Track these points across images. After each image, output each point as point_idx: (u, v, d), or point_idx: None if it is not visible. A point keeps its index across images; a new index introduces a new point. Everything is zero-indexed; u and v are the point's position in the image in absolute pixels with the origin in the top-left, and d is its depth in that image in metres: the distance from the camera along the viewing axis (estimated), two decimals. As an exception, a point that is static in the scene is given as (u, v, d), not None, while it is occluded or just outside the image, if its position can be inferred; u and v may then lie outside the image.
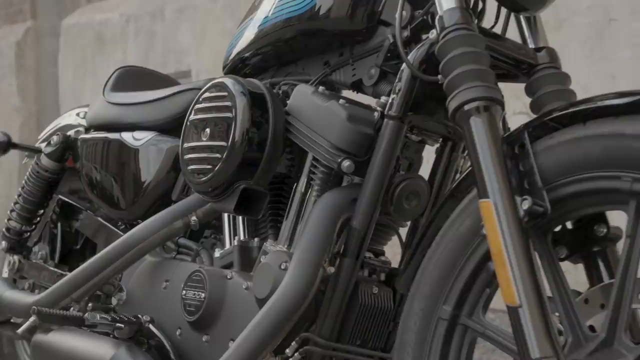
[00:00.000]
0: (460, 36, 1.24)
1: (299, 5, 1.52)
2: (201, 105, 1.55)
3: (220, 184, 1.49)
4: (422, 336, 1.26)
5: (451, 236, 1.26)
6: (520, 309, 1.07)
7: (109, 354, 1.53)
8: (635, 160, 1.06)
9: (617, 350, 1.06)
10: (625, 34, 3.03)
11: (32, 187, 2.05)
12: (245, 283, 1.47)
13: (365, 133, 1.39)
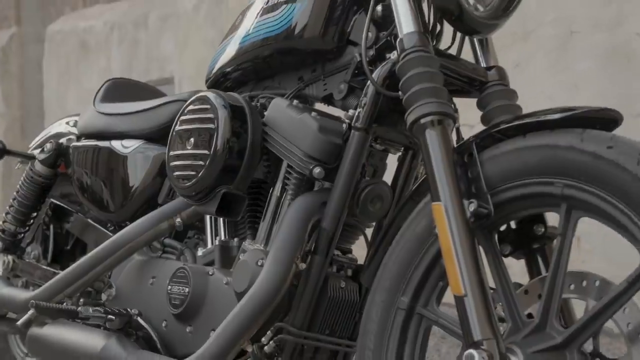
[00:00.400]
0: (418, 57, 1.40)
1: (276, 26, 1.67)
2: (186, 116, 1.70)
3: (203, 188, 1.63)
4: (383, 325, 1.42)
5: (409, 235, 1.41)
6: (466, 297, 1.23)
7: (101, 344, 1.67)
8: (566, 169, 1.22)
9: (548, 334, 1.22)
10: (587, 46, 3.19)
11: (26, 191, 2.19)
12: (226, 279, 1.61)
13: (334, 143, 1.54)
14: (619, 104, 3.00)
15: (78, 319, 1.71)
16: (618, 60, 3.08)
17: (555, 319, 1.22)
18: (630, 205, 1.15)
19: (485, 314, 1.22)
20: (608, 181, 1.17)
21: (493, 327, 1.21)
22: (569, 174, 1.22)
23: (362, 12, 1.61)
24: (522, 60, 3.34)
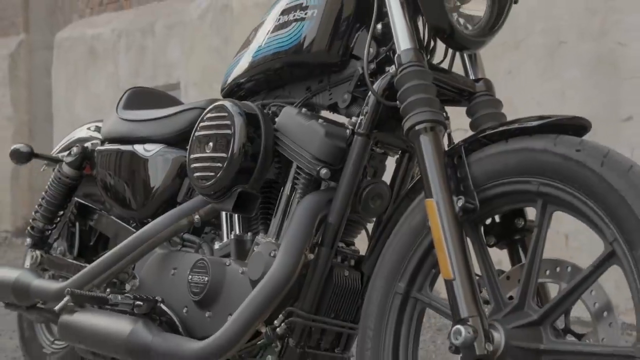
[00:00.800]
0: (414, 71, 1.59)
1: (287, 42, 1.85)
2: (205, 123, 1.89)
3: (221, 188, 1.82)
4: (382, 308, 1.60)
5: (405, 229, 1.60)
6: (454, 281, 1.41)
7: (129, 328, 1.85)
8: (541, 169, 1.41)
9: (526, 312, 1.40)
10: (574, 55, 3.38)
11: (54, 192, 2.37)
12: (241, 268, 1.80)
13: (339, 146, 1.72)
14: (604, 109, 3.21)
15: (108, 305, 1.89)
16: (603, 68, 3.27)
17: (532, 300, 1.41)
18: (595, 200, 1.33)
19: (471, 295, 1.40)
20: (577, 180, 1.36)
21: (478, 306, 1.40)
22: (544, 173, 1.41)
23: (363, 30, 1.80)
24: (513, 68, 3.53)
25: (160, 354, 1.79)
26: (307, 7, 1.82)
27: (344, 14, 1.80)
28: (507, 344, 1.38)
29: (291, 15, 1.86)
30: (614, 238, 1.31)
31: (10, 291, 2.26)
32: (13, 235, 6.98)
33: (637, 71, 3.17)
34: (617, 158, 1.35)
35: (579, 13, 3.35)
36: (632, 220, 1.28)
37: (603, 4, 3.27)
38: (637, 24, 3.17)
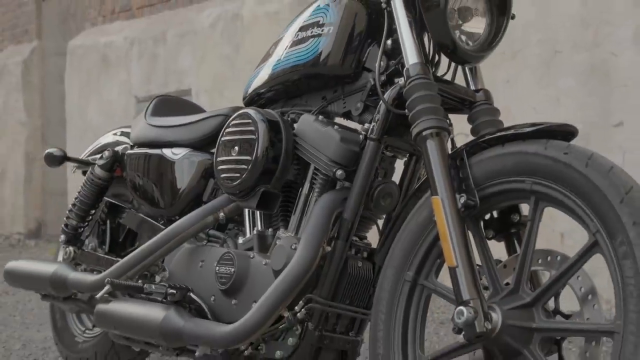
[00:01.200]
0: (420, 83, 1.78)
1: (304, 56, 2.05)
2: (230, 129, 2.08)
3: (246, 187, 2.01)
4: (393, 294, 1.79)
5: (413, 223, 1.79)
6: (457, 268, 1.60)
7: (162, 315, 2.03)
8: (533, 170, 1.60)
9: (520, 296, 1.59)
10: (568, 64, 3.55)
11: (87, 192, 2.56)
12: (265, 260, 1.99)
13: (353, 150, 1.91)
14: (597, 115, 3.40)
15: (143, 294, 2.08)
16: (596, 77, 3.45)
17: (525, 285, 1.60)
18: (580, 197, 1.52)
19: (472, 281, 1.59)
20: (565, 179, 1.55)
21: (478, 290, 1.59)
22: (536, 174, 1.60)
23: (374, 45, 1.99)
24: (511, 77, 3.71)
25: (192, 337, 1.98)
26: (324, 25, 2.02)
27: (357, 31, 1.99)
28: (503, 323, 1.57)
29: (309, 31, 2.05)
30: (596, 230, 1.50)
31: (48, 283, 2.44)
32: (26, 237, 7.18)
33: (628, 80, 3.34)
34: (599, 160, 1.54)
35: (573, 25, 3.52)
36: (611, 214, 1.47)
37: (596, 17, 3.44)
38: (627, 36, 3.34)
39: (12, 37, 7.64)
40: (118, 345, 2.51)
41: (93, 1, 6.60)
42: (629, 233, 1.44)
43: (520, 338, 1.57)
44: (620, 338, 1.42)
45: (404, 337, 1.77)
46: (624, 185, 1.48)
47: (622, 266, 1.44)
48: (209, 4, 5.49)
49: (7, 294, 4.33)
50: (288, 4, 4.78)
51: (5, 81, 7.50)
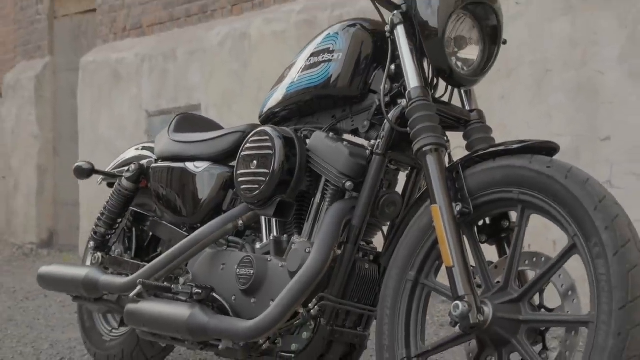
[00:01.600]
0: (421, 105, 2.00)
1: (316, 79, 2.27)
2: (249, 145, 2.31)
3: (264, 197, 2.24)
4: (397, 292, 2.01)
5: (415, 229, 2.01)
6: (454, 268, 1.82)
7: (188, 313, 2.25)
8: (520, 182, 1.82)
9: (509, 292, 1.81)
10: (558, 82, 3.75)
11: (115, 202, 2.78)
12: (281, 263, 2.21)
13: (360, 164, 2.14)
14: (586, 130, 3.62)
15: (170, 293, 2.31)
16: (584, 94, 3.65)
17: (514, 283, 1.82)
18: (560, 205, 1.74)
19: (467, 279, 1.81)
20: (547, 190, 1.77)
21: (472, 287, 1.81)
22: (522, 185, 1.82)
23: (379, 69, 2.21)
24: (506, 94, 3.92)
25: (216, 332, 2.20)
26: (334, 51, 2.24)
27: (363, 57, 2.22)
28: (494, 316, 1.79)
29: (320, 57, 2.28)
30: (574, 233, 1.72)
31: (81, 286, 2.66)
32: (39, 247, 7.39)
33: (614, 97, 3.54)
34: (577, 173, 1.76)
35: (562, 46, 3.73)
36: (587, 219, 1.69)
37: (584, 38, 3.65)
38: (613, 56, 3.55)
39: (25, 53, 7.86)
40: (143, 342, 2.74)
41: (104, 19, 6.81)
42: (602, 236, 1.66)
43: (508, 329, 1.79)
44: (594, 327, 1.64)
45: (406, 330, 1.99)
46: (597, 195, 1.70)
47: (596, 265, 1.66)
48: (218, 22, 5.70)
49: (28, 299, 4.55)
50: (294, 23, 5.00)
51: (19, 96, 7.71)
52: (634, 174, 3.47)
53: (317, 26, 4.82)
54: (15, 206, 7.73)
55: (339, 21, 2.37)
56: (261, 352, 2.23)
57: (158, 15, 6.30)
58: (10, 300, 4.54)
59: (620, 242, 1.64)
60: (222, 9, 5.76)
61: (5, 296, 4.68)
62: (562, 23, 3.72)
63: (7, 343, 3.37)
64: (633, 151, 3.49)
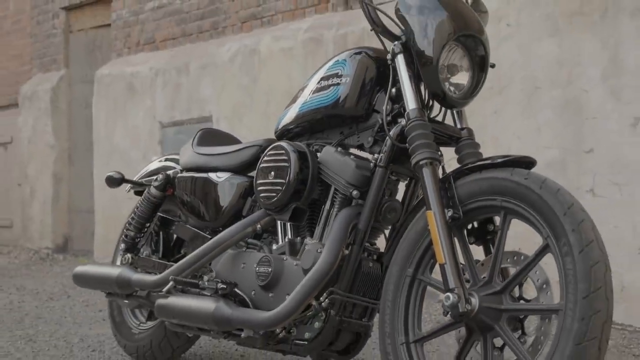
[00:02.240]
0: (418, 124, 2.31)
1: (326, 100, 2.58)
2: (267, 158, 2.62)
3: (281, 204, 2.54)
4: (397, 287, 2.32)
5: (413, 232, 2.32)
6: (446, 264, 2.13)
7: (213, 306, 2.55)
8: (502, 191, 2.12)
9: (493, 285, 2.12)
10: (546, 99, 4.05)
11: (144, 208, 3.09)
12: (295, 262, 2.51)
13: (365, 175, 2.44)
14: (571, 143, 3.94)
15: (198, 288, 2.62)
16: (570, 110, 3.95)
17: (497, 278, 2.13)
18: (536, 211, 2.05)
19: (457, 274, 2.12)
20: (525, 198, 2.08)
21: (461, 281, 2.11)
22: (504, 194, 2.12)
23: (382, 92, 2.52)
24: (498, 109, 4.22)
25: (239, 322, 2.50)
26: (342, 76, 2.55)
27: (368, 81, 2.52)
28: (480, 305, 2.10)
29: (329, 81, 2.59)
30: (547, 235, 2.03)
31: (115, 283, 2.97)
32: (54, 252, 7.70)
33: (597, 112, 3.84)
34: (550, 184, 2.07)
35: (550, 65, 4.03)
36: (558, 223, 2.00)
37: (569, 59, 3.95)
38: (596, 75, 3.84)
39: (41, 66, 8.17)
40: (170, 334, 3.04)
41: (119, 34, 7.13)
42: (569, 237, 1.97)
43: (492, 317, 2.09)
44: (563, 314, 1.95)
45: (405, 319, 2.30)
46: (567, 203, 2.01)
47: (564, 262, 1.97)
48: (228, 39, 6.01)
49: (52, 300, 4.86)
50: (301, 41, 5.31)
51: (35, 107, 8.03)
52: (615, 184, 3.77)
53: (323, 44, 5.14)
54: (32, 213, 8.03)
55: (346, 49, 2.68)
56: (277, 341, 2.53)
57: (171, 31, 6.61)
58: (36, 300, 4.85)
59: (585, 242, 1.95)
60: (232, 25, 6.08)
61: (30, 297, 4.99)
62: (549, 44, 4.02)
63: (40, 337, 3.67)
64: (614, 163, 3.78)
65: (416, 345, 2.28)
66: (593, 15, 3.87)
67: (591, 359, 1.89)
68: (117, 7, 7.14)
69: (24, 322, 4.09)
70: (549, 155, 3.98)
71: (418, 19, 2.37)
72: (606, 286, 1.93)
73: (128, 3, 7.04)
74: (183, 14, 6.51)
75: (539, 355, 2.04)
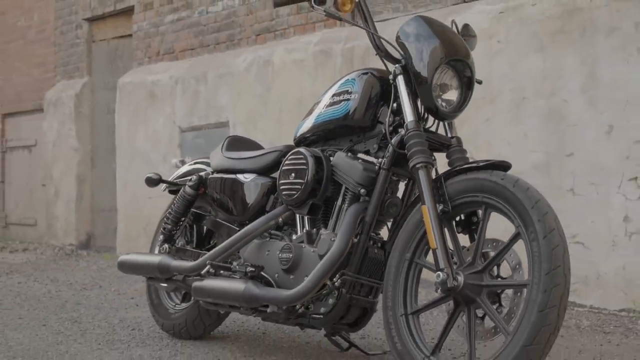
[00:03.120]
0: (415, 134, 2.79)
1: (338, 113, 3.05)
2: (289, 162, 3.10)
3: (300, 201, 3.02)
4: (397, 268, 2.80)
5: (411, 223, 2.79)
6: (437, 249, 2.60)
7: (243, 286, 3.03)
8: (483, 189, 2.60)
9: (475, 266, 2.59)
10: (532, 108, 4.50)
11: (180, 205, 3.58)
12: (312, 249, 2.98)
13: (371, 176, 2.92)
14: (554, 147, 4.42)
15: (230, 271, 3.10)
16: (553, 118, 4.40)
17: (479, 260, 2.61)
18: (510, 205, 2.52)
19: (446, 257, 2.59)
20: (501, 195, 2.55)
21: (449, 262, 2.59)
22: (485, 191, 2.60)
23: (384, 106, 2.99)
24: (489, 117, 4.68)
25: (265, 299, 2.98)
26: (351, 93, 3.03)
27: (373, 97, 3.00)
28: (465, 282, 2.57)
29: (341, 97, 3.07)
30: (518, 225, 2.50)
31: (156, 269, 3.46)
32: (78, 248, 8.20)
33: (577, 121, 4.29)
34: (521, 183, 2.54)
35: (535, 78, 4.48)
36: (526, 215, 2.47)
37: (553, 73, 4.40)
38: (576, 87, 4.29)
39: (65, 73, 8.66)
40: (203, 312, 3.53)
41: (140, 44, 7.62)
42: (535, 226, 2.44)
43: (475, 291, 2.57)
44: (530, 288, 2.42)
45: (404, 295, 2.77)
46: (534, 198, 2.49)
47: (532, 246, 2.44)
48: (244, 50, 6.49)
49: (86, 289, 5.34)
50: (312, 53, 5.79)
51: (59, 112, 8.52)
52: (592, 184, 4.24)
53: (332, 56, 5.62)
54: (56, 212, 8.52)
55: (355, 70, 3.16)
56: (297, 315, 3.01)
57: (189, 42, 7.10)
58: (71, 290, 5.33)
59: (548, 230, 2.42)
60: (247, 38, 6.55)
61: (65, 287, 5.47)
62: (535, 60, 4.48)
63: (83, 319, 4.16)
64: (591, 165, 4.24)
65: (413, 317, 2.76)
66: (573, 34, 4.33)
67: (551, 323, 2.36)
68: (138, 19, 7.62)
69: (66, 307, 4.57)
70: (535, 158, 4.45)
71: (415, 45, 2.85)
72: (564, 265, 2.40)
73: (149, 15, 7.52)
74: (201, 27, 6.99)
75: (512, 321, 2.52)
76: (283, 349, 3.42)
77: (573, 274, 3.87)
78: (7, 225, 9.72)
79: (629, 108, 4.10)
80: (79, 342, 3.57)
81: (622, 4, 4.12)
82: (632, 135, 4.08)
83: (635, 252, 4.06)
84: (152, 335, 3.72)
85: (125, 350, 3.39)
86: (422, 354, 2.66)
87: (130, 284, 5.51)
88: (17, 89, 9.55)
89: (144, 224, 7.12)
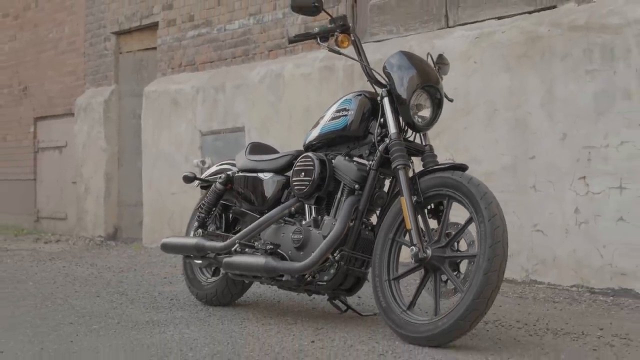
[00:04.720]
0: (397, 142, 3.65)
1: (338, 125, 3.91)
2: (300, 163, 3.96)
3: (308, 194, 3.89)
4: (383, 246, 3.66)
5: (393, 211, 3.66)
6: (411, 230, 3.47)
7: (264, 260, 3.89)
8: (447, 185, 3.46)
9: (440, 242, 3.45)
10: (502, 119, 5.31)
11: (211, 197, 4.45)
12: (318, 231, 3.84)
13: (363, 175, 3.78)
14: (520, 152, 5.29)
15: (253, 248, 3.97)
16: (519, 128, 5.22)
17: (443, 238, 3.47)
18: (465, 197, 3.37)
19: (418, 235, 3.44)
20: (459, 189, 3.41)
21: (420, 239, 3.44)
22: (448, 187, 3.46)
23: (374, 120, 3.84)
24: (467, 126, 5.52)
25: (281, 270, 3.85)
26: (348, 110, 3.90)
27: (365, 113, 3.85)
28: (432, 254, 3.42)
29: (340, 112, 3.93)
30: (471, 211, 3.36)
31: (194, 248, 4.33)
32: (106, 239, 9.07)
33: (537, 130, 5.11)
34: (474, 180, 3.40)
35: (504, 94, 5.30)
36: (476, 204, 3.32)
37: (518, 89, 5.23)
38: (537, 102, 5.11)
39: (94, 81, 9.53)
40: (230, 283, 4.40)
41: (163, 56, 8.47)
42: (483, 212, 3.30)
43: (439, 261, 3.43)
44: (479, 258, 3.29)
45: (388, 265, 3.64)
46: (483, 192, 3.34)
47: (480, 226, 3.30)
48: (258, 64, 7.33)
49: (123, 272, 6.21)
50: (317, 68, 6.64)
51: (89, 117, 9.38)
52: (550, 182, 5.09)
53: (335, 71, 6.47)
54: (86, 207, 9.38)
55: (351, 92, 4.03)
56: (306, 283, 3.88)
57: (209, 56, 7.95)
58: (110, 272, 6.20)
59: (491, 215, 3.28)
60: (261, 53, 7.40)
61: (104, 270, 6.35)
62: (504, 78, 5.31)
63: (129, 293, 5.03)
64: (549, 166, 5.08)
65: (394, 282, 3.63)
66: (535, 57, 5.17)
67: (493, 282, 3.22)
68: (163, 33, 8.48)
69: (111, 284, 5.45)
70: (504, 160, 5.30)
71: (397, 74, 3.71)
72: (503, 241, 3.26)
73: (172, 31, 8.38)
74: (219, 42, 7.84)
75: (467, 284, 3.38)
76: (294, 312, 4.29)
77: (534, 256, 4.80)
78: (39, 219, 10.59)
79: (579, 119, 4.94)
80: (130, 307, 4.44)
81: (573, 34, 4.97)
82: (581, 142, 4.92)
83: (584, 239, 4.90)
84: (189, 303, 4.59)
85: (169, 312, 4.27)
86: (400, 308, 3.53)
87: (161, 267, 6.39)
88: (48, 95, 10.41)
89: (167, 218, 7.98)
